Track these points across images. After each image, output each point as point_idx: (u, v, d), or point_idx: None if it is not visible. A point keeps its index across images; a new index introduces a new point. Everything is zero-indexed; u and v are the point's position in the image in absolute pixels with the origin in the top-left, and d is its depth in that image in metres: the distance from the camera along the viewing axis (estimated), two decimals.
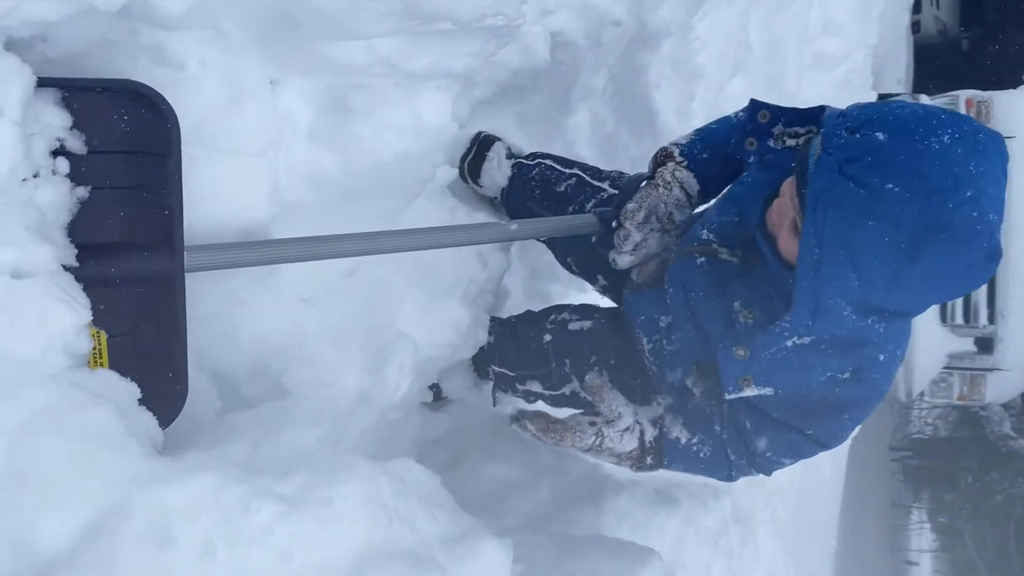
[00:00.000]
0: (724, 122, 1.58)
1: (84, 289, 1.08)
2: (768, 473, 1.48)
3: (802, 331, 1.21)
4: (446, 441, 2.01)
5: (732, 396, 1.33)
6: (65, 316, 1.00)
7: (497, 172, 1.86)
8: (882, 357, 1.25)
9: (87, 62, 1.15)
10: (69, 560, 0.83)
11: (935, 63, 15.06)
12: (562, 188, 1.79)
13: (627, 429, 1.40)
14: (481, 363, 1.91)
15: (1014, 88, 7.45)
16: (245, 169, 1.29)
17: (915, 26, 14.97)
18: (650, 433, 1.43)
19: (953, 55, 15.57)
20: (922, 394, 7.40)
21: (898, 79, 10.87)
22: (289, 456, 1.10)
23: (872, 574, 10.00)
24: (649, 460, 1.43)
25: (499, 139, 1.94)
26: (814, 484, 4.16)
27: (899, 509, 13.86)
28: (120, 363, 1.12)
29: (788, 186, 1.23)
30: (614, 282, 1.77)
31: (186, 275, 1.15)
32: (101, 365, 1.10)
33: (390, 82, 1.39)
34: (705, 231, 1.44)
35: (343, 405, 1.43)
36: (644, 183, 1.53)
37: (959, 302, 6.99)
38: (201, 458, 0.99)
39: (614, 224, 1.52)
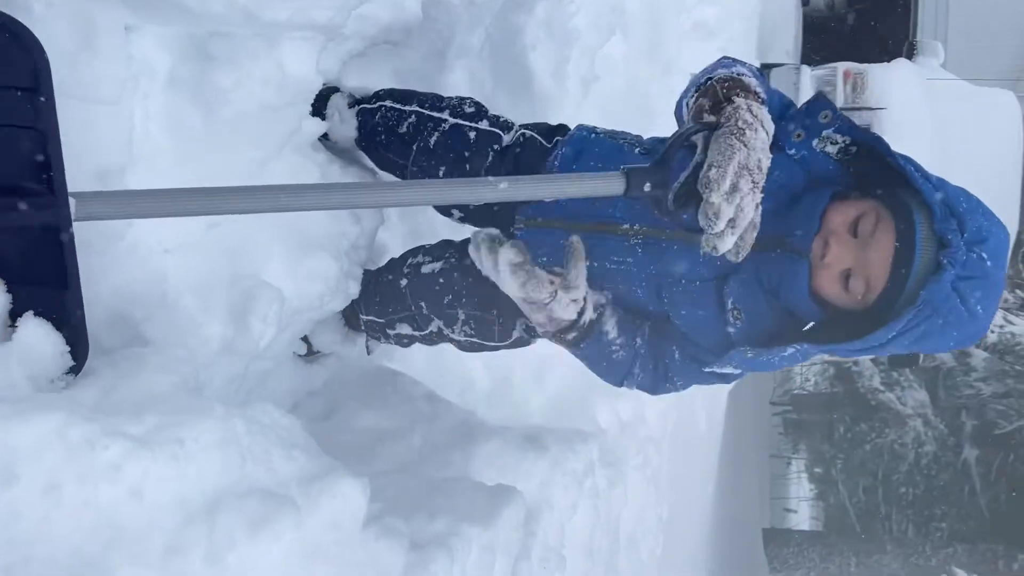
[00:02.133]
0: (768, 87, 1.40)
1: None
2: (656, 394, 1.63)
3: (801, 349, 1.39)
4: (323, 392, 2.05)
5: (709, 369, 1.50)
6: None
7: (343, 126, 1.84)
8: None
9: None
10: None
11: (823, 36, 15.70)
12: (404, 128, 1.77)
13: (575, 300, 1.43)
14: (351, 315, 1.95)
15: (888, 62, 7.85)
16: (98, 116, 1.27)
17: (805, 0, 15.50)
18: (589, 314, 1.48)
19: (840, 29, 16.28)
20: None
21: (786, 50, 11.26)
22: (142, 400, 1.12)
23: (751, 520, 10.62)
24: (572, 336, 1.47)
25: (337, 90, 1.92)
26: (690, 434, 4.40)
27: (778, 460, 14.74)
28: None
29: (845, 233, 1.36)
30: (488, 216, 1.75)
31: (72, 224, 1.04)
32: None
33: (251, 31, 1.40)
34: None
35: (205, 354, 1.45)
36: (714, 132, 1.19)
37: None
38: (47, 399, 1.00)
39: (648, 187, 1.22)
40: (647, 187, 1.21)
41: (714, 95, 1.24)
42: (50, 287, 1.13)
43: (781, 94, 1.48)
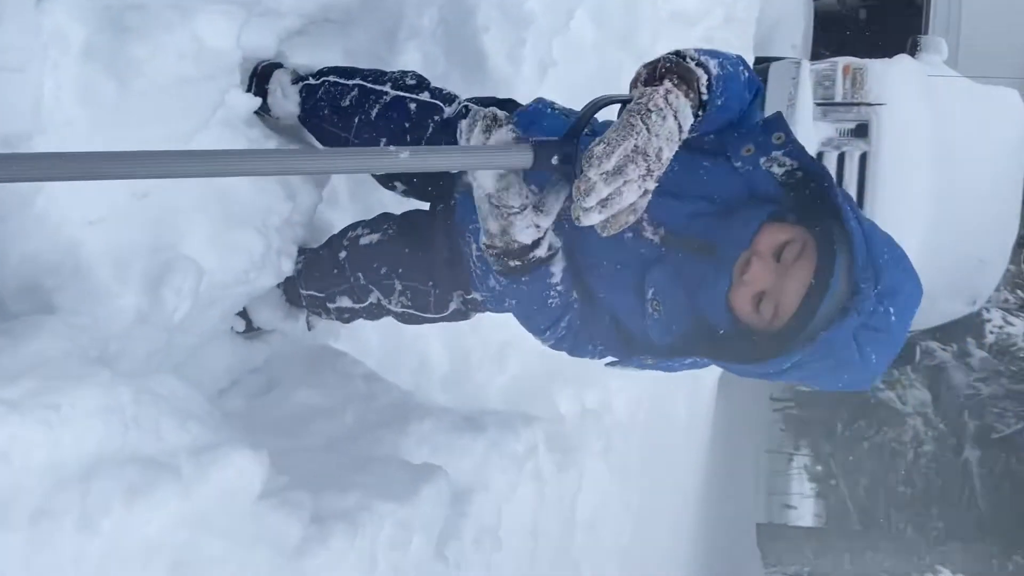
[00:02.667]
0: (738, 91, 1.37)
1: None
2: (574, 356, 1.64)
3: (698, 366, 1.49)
4: (264, 369, 2.05)
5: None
6: None
7: (285, 101, 1.84)
8: None
9: None
10: None
11: (834, 30, 15.58)
12: (347, 102, 1.78)
13: (538, 227, 1.32)
14: (292, 292, 1.96)
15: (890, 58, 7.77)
16: (3, 83, 1.28)
17: None
18: (543, 250, 1.39)
19: (851, 24, 16.13)
20: None
21: (793, 44, 11.16)
22: (26, 365, 1.12)
23: (744, 514, 10.61)
24: (516, 263, 1.38)
25: (280, 66, 1.92)
26: (666, 424, 4.39)
27: (776, 455, 14.72)
28: None
29: (769, 256, 1.36)
30: (430, 186, 1.77)
31: None
32: None
33: (166, 4, 1.40)
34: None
35: (119, 324, 1.45)
36: (624, 108, 1.16)
37: None
38: None
39: (556, 160, 1.16)
40: (555, 160, 1.16)
41: (652, 72, 1.20)
42: None
43: (752, 105, 1.43)
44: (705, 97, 1.23)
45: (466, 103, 1.73)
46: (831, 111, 7.39)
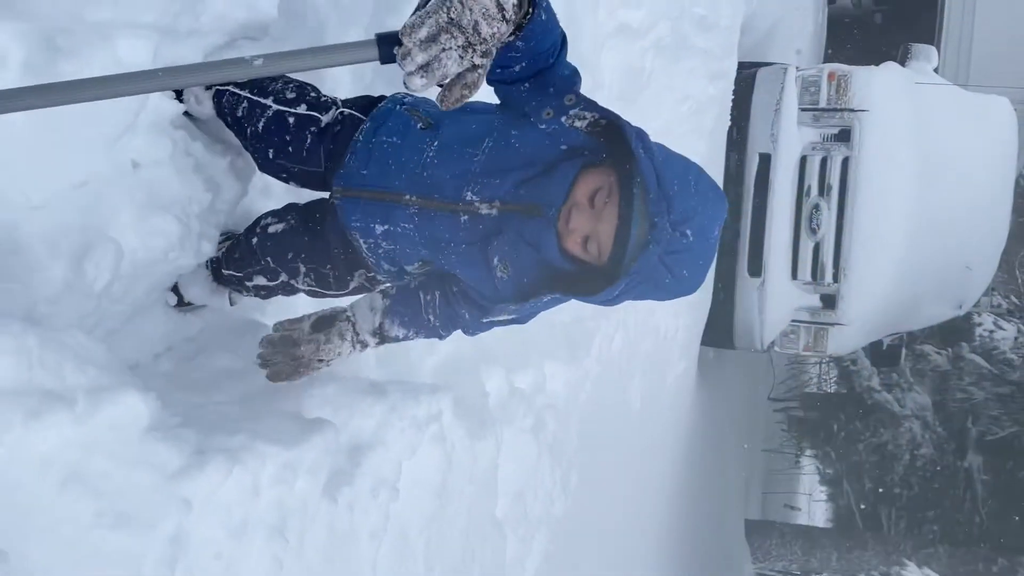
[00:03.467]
0: (556, 25, 1.60)
1: None
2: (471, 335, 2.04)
3: (555, 303, 1.77)
4: (196, 338, 2.37)
5: (486, 321, 1.91)
6: None
7: (199, 107, 2.10)
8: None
9: None
10: None
11: (848, 36, 15.62)
12: (240, 113, 2.01)
13: (351, 352, 2.00)
14: (217, 272, 2.28)
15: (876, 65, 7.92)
16: None
17: None
18: (372, 343, 2.02)
19: (866, 28, 16.14)
20: (772, 344, 7.97)
21: (797, 49, 11.29)
22: None
23: (733, 510, 10.82)
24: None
25: None
26: (614, 411, 4.66)
27: (776, 455, 14.86)
28: None
29: (585, 205, 1.66)
30: (324, 186, 2.04)
31: None
32: None
33: (90, 28, 1.71)
34: (469, 192, 1.74)
35: (49, 291, 1.77)
36: None
37: (809, 261, 7.52)
38: None
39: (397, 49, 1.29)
40: (396, 50, 1.27)
41: None
42: None
43: (562, 52, 1.68)
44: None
45: (343, 108, 2.00)
46: (817, 116, 7.59)
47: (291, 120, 1.99)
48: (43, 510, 1.43)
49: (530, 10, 1.46)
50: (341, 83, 2.52)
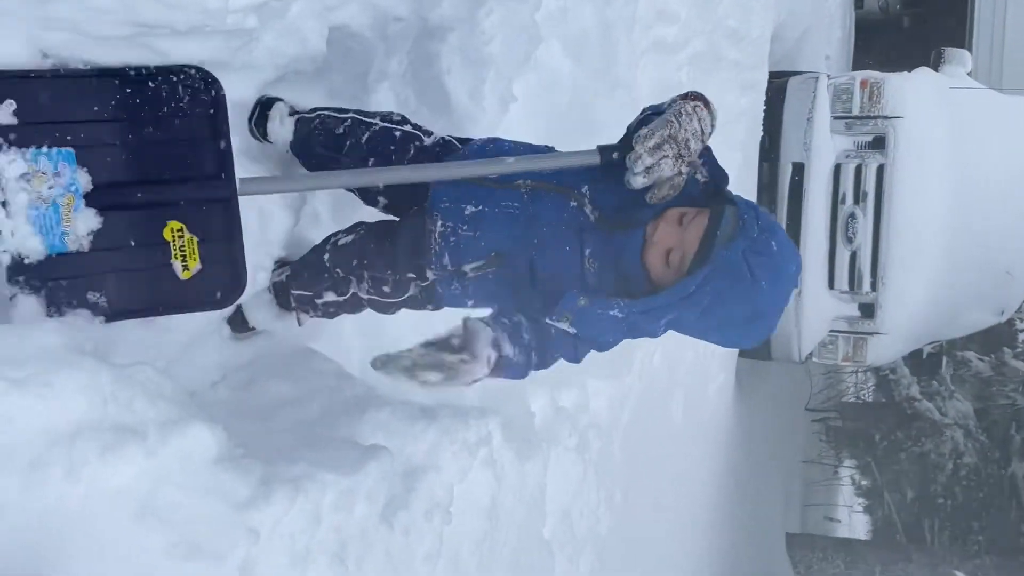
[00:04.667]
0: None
1: (179, 207, 1.70)
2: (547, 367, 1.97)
3: (626, 314, 1.72)
4: (249, 366, 2.41)
5: (550, 320, 1.81)
6: None
7: (281, 128, 2.22)
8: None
9: None
10: None
11: (876, 40, 15.46)
12: (341, 130, 2.16)
13: (488, 362, 1.75)
14: (282, 296, 2.33)
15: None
16: None
17: (858, 1, 15.29)
18: (493, 357, 1.78)
19: (894, 33, 15.97)
20: (811, 355, 7.89)
21: (826, 55, 11.21)
22: (32, 355, 1.49)
23: (774, 523, 10.67)
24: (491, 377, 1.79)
25: (280, 99, 2.30)
26: (656, 427, 4.64)
27: (815, 466, 14.64)
28: (207, 257, 1.77)
29: (674, 221, 1.73)
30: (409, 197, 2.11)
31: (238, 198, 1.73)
32: (193, 261, 1.75)
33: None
34: (586, 187, 1.85)
35: (112, 325, 1.81)
36: (663, 115, 1.70)
37: (846, 270, 7.46)
38: None
39: (616, 155, 1.72)
40: (615, 155, 1.72)
41: (684, 96, 1.74)
42: (223, 241, 1.79)
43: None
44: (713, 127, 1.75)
45: (443, 136, 2.12)
46: (850, 124, 7.54)
47: (397, 134, 2.11)
48: (119, 542, 1.46)
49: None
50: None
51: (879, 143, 7.29)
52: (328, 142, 2.17)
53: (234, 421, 2.04)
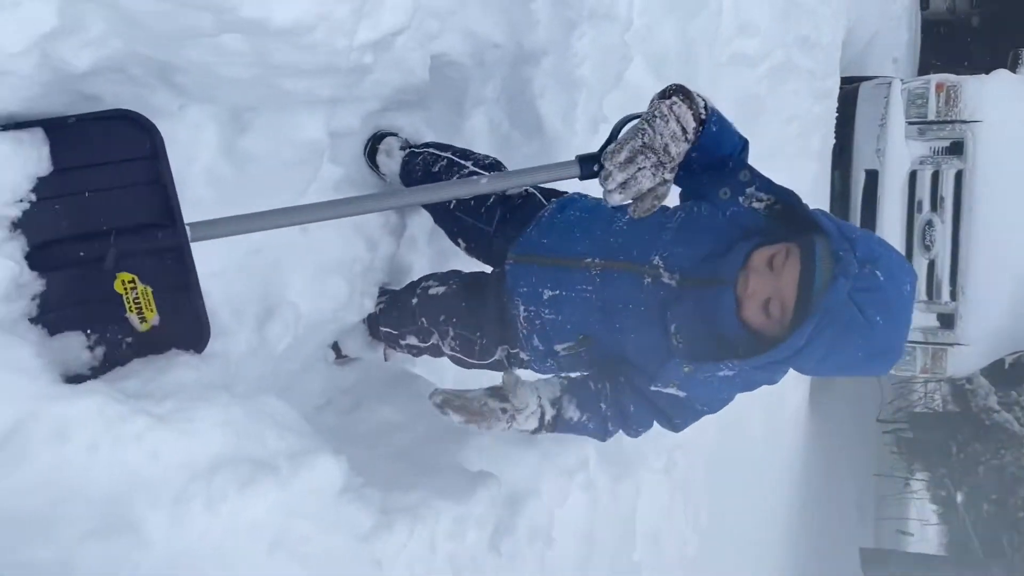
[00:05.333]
0: (731, 130, 1.70)
1: (128, 259, 1.57)
2: (629, 436, 1.94)
3: (737, 371, 1.61)
4: (352, 390, 2.44)
5: (656, 389, 1.74)
6: None
7: (389, 160, 2.28)
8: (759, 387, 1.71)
9: None
10: None
11: (944, 41, 15.02)
12: (436, 168, 2.18)
13: (532, 413, 1.80)
14: (374, 326, 2.35)
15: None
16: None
17: (924, 2, 14.88)
18: (549, 414, 1.83)
19: (963, 33, 15.50)
20: None
21: (894, 58, 10.93)
22: (170, 390, 1.53)
23: (848, 538, 10.41)
24: (543, 433, 1.84)
25: (394, 134, 2.35)
26: (737, 445, 4.56)
27: (887, 479, 14.21)
28: (164, 307, 1.64)
29: (763, 268, 1.59)
30: (487, 250, 2.13)
31: (191, 244, 1.60)
32: (150, 312, 1.64)
33: (272, 106, 1.80)
34: (657, 257, 1.74)
35: (236, 355, 1.86)
36: (635, 121, 1.59)
37: (923, 279, 7.24)
38: (93, 385, 1.42)
39: (596, 167, 1.60)
40: (595, 167, 1.60)
41: (663, 93, 1.60)
42: (179, 290, 1.65)
43: (730, 154, 1.69)
44: (703, 116, 1.59)
45: (528, 188, 2.08)
46: (924, 129, 7.34)
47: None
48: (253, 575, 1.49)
49: (700, 123, 1.59)
50: None
51: (957, 148, 7.07)
52: (424, 179, 2.20)
53: (346, 447, 2.07)
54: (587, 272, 1.83)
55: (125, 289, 1.62)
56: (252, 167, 1.83)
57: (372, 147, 2.32)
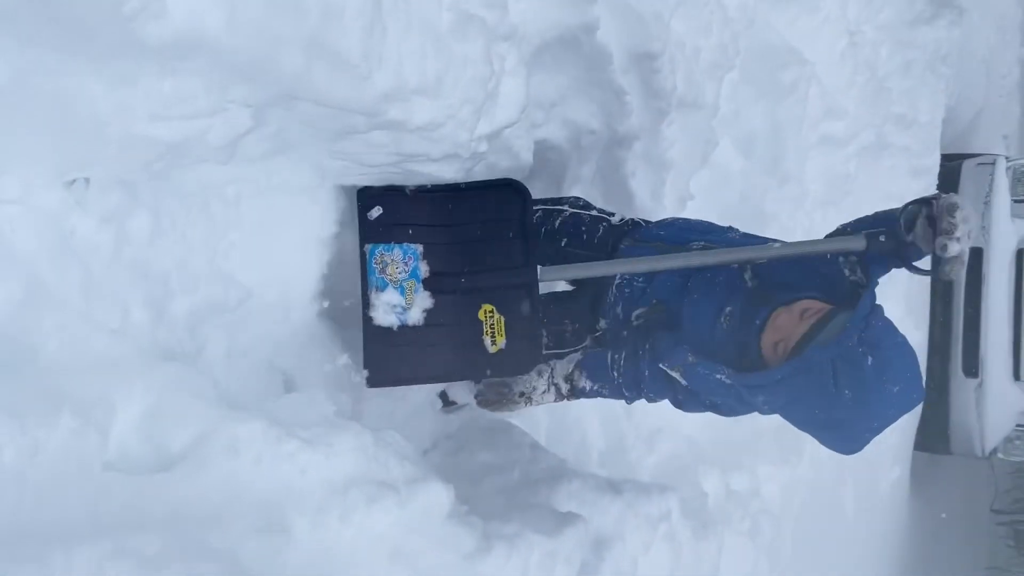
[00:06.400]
0: None
1: (490, 292, 2.11)
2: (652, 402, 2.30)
3: (732, 382, 1.94)
4: (456, 435, 2.72)
5: (663, 366, 2.09)
6: None
7: None
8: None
9: None
10: (184, 455, 1.60)
11: None
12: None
13: (545, 391, 2.33)
14: None
15: None
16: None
17: None
18: (564, 388, 2.34)
19: None
20: (995, 451, 7.42)
21: (1004, 134, 10.75)
22: (316, 419, 1.84)
23: None
24: (565, 401, 2.34)
25: None
26: (827, 518, 4.57)
27: (999, 573, 13.31)
28: (511, 334, 2.14)
29: (796, 313, 1.92)
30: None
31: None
32: (500, 336, 2.13)
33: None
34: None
35: (367, 394, 2.17)
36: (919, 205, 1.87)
37: None
38: (256, 412, 1.75)
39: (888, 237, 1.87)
40: (882, 239, 1.87)
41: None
42: (525, 321, 2.14)
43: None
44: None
45: (628, 217, 2.42)
46: None
47: (586, 218, 2.43)
48: None
49: None
50: None
51: None
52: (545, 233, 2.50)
53: (452, 480, 2.34)
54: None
55: (485, 316, 2.10)
56: None
57: None
